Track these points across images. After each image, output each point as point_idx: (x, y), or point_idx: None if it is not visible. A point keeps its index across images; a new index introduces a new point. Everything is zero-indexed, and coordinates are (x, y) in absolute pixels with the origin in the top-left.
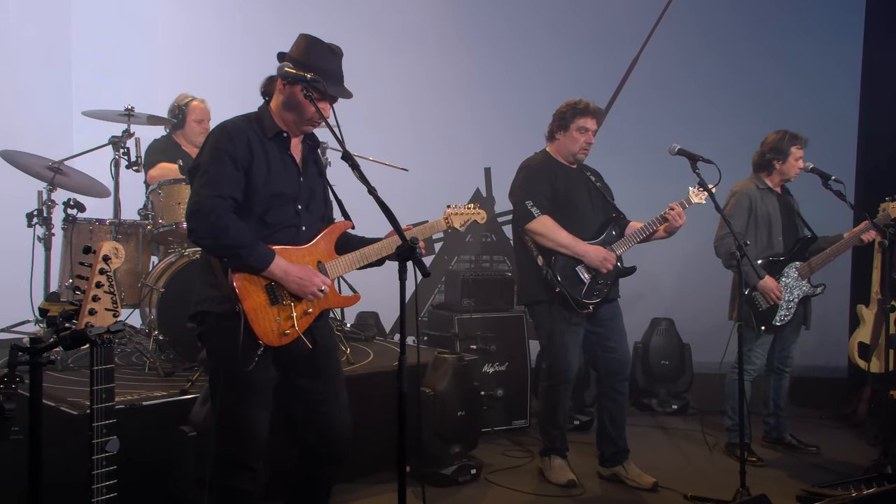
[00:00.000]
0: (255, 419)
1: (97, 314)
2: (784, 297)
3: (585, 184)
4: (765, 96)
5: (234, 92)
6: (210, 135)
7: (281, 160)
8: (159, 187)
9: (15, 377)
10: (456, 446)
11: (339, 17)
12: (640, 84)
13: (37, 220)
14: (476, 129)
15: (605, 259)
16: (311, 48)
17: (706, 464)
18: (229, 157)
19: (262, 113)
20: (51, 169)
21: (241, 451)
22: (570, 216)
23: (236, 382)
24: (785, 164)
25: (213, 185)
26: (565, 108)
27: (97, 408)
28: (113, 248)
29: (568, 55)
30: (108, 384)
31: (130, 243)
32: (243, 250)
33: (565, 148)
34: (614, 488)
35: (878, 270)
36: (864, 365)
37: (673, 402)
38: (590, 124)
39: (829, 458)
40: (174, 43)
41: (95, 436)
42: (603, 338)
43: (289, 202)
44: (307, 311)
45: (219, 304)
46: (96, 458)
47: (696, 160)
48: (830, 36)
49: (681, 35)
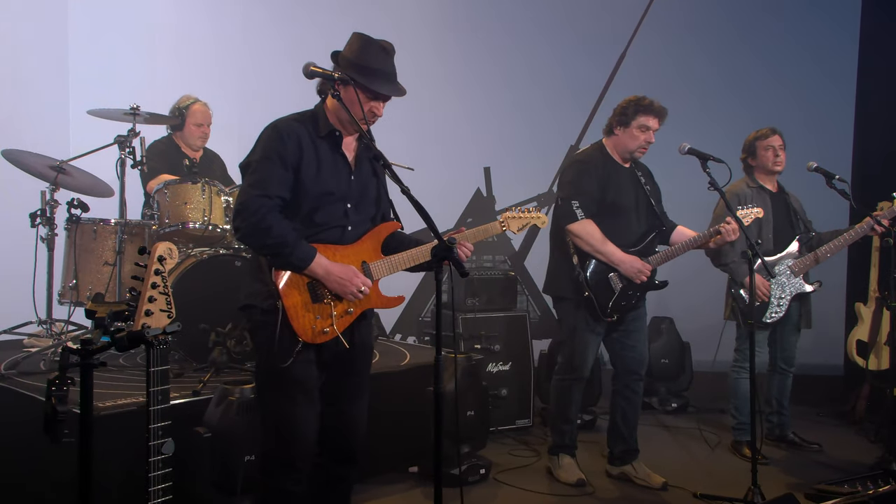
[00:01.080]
0: (299, 418)
1: (153, 315)
2: (775, 293)
3: (635, 186)
4: (760, 98)
5: (233, 91)
6: (262, 133)
7: (332, 159)
8: (165, 187)
9: (66, 379)
10: (465, 446)
11: (336, 17)
12: (633, 85)
13: (40, 220)
14: (475, 129)
15: (639, 271)
16: (363, 47)
17: (710, 462)
18: (278, 156)
19: (316, 111)
20: (54, 169)
21: (285, 451)
22: (614, 220)
23: (279, 380)
24: (756, 159)
25: (261, 184)
26: (627, 103)
27: (154, 410)
28: (167, 248)
29: (562, 55)
30: (164, 385)
31: (135, 243)
32: (285, 249)
33: (623, 145)
34: (624, 487)
35: (877, 269)
36: (863, 363)
37: (673, 401)
38: (652, 123)
39: (832, 456)
40: (172, 41)
41: (152, 438)
42: (624, 335)
43: (338, 201)
44: (348, 310)
45: (263, 300)
46: (153, 460)
47: (707, 159)
48: (826, 38)
49: (675, 36)
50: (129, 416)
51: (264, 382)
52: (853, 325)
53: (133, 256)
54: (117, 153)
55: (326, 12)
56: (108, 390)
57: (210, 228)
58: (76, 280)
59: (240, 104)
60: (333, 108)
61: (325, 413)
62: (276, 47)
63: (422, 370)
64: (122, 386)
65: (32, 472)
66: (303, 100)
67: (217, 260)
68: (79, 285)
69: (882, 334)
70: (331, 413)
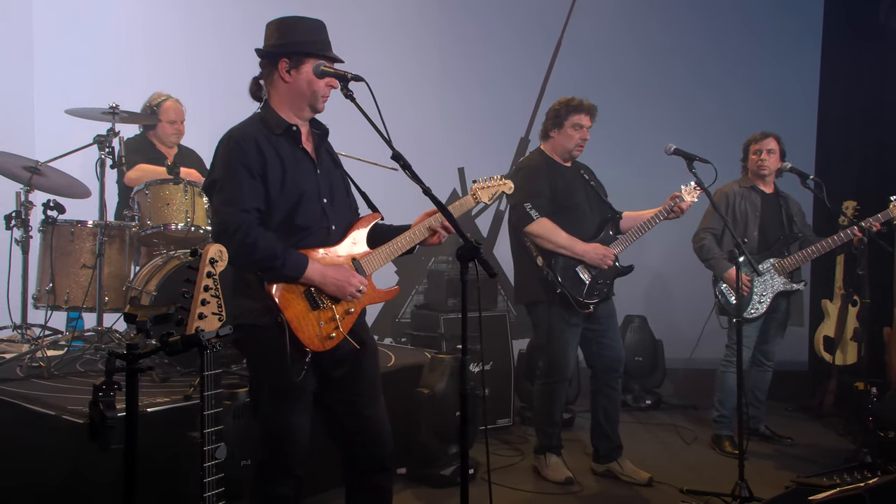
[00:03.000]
0: (297, 426)
1: (206, 318)
2: (757, 290)
3: (581, 183)
4: (728, 102)
5: (203, 86)
6: (219, 147)
7: (293, 156)
8: (146, 188)
9: (113, 385)
10: (453, 446)
11: (310, 14)
12: (607, 87)
13: (14, 222)
14: (448, 129)
15: (604, 256)
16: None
17: (689, 457)
18: (243, 167)
19: (265, 112)
20: (28, 169)
21: (284, 460)
22: (569, 217)
23: (278, 392)
24: (747, 160)
25: (234, 200)
26: (559, 105)
27: (208, 414)
28: (218, 250)
29: (534, 56)
30: (217, 389)
31: (114, 245)
32: (276, 262)
33: (560, 146)
34: (611, 484)
35: (842, 266)
36: (830, 358)
37: (647, 398)
38: (584, 121)
39: (804, 449)
40: (140, 38)
41: (206, 442)
42: (599, 334)
43: (312, 199)
44: (349, 311)
45: (259, 316)
46: (207, 465)
47: (693, 160)
48: (788, 44)
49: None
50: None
51: (266, 396)
52: (818, 321)
53: (112, 259)
54: (96, 153)
55: (296, 9)
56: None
57: (193, 230)
58: (52, 283)
59: (212, 99)
60: (284, 102)
61: (345, 420)
62: (246, 42)
63: (408, 371)
64: None
65: (18, 479)
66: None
67: None
68: (55, 289)
69: (848, 330)
70: (351, 419)
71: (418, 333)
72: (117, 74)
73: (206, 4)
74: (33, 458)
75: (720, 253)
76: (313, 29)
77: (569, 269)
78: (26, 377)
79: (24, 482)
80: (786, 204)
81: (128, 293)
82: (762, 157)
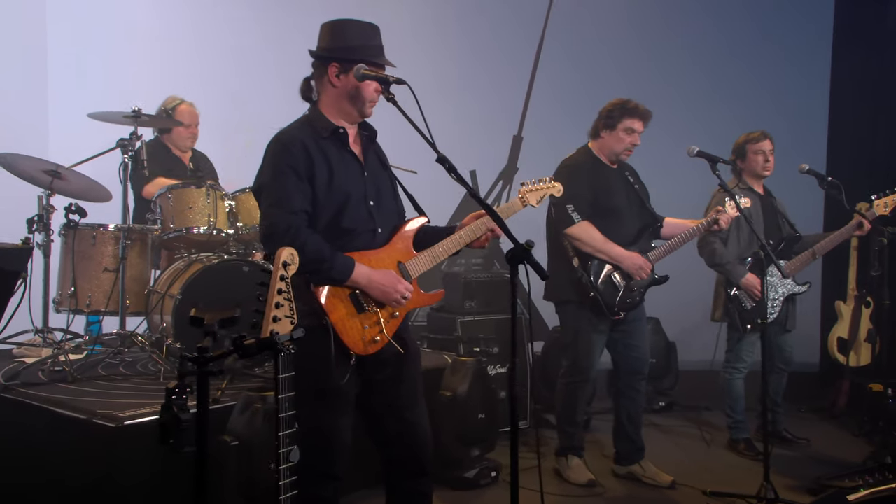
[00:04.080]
0: (339, 429)
1: (280, 321)
2: (769, 295)
3: (625, 185)
4: (739, 101)
5: (216, 90)
6: (266, 151)
7: (341, 159)
8: (169, 191)
9: (185, 387)
10: (476, 449)
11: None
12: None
13: (36, 226)
14: (461, 132)
15: (640, 267)
16: (348, 29)
17: (708, 459)
18: (291, 170)
19: (312, 114)
20: (49, 173)
21: (327, 462)
22: (609, 220)
23: (322, 395)
24: (745, 161)
25: (282, 202)
26: (613, 106)
27: (283, 417)
28: (290, 254)
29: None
30: (291, 392)
31: (135, 249)
32: (324, 264)
33: (609, 147)
34: (634, 487)
35: (855, 268)
36: (843, 359)
37: (660, 400)
38: (637, 126)
39: (820, 451)
40: (153, 42)
41: (282, 445)
42: (626, 335)
43: (359, 202)
44: (393, 314)
45: (303, 318)
46: (282, 468)
47: (717, 162)
48: (799, 46)
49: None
50: (150, 425)
51: (310, 399)
52: (829, 323)
53: (133, 262)
54: (117, 157)
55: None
56: (118, 400)
57: (215, 233)
58: (74, 287)
59: (225, 104)
60: (333, 105)
61: (387, 423)
62: (259, 45)
63: (428, 375)
64: (132, 395)
65: (45, 484)
66: (286, 98)
67: (225, 265)
68: (77, 293)
69: (861, 331)
70: (392, 423)
71: (435, 336)
72: (131, 77)
73: (219, 8)
74: (62, 461)
75: (734, 258)
76: (365, 33)
77: (605, 273)
78: (50, 381)
79: (53, 485)
80: (777, 204)
81: (150, 297)
82: (767, 157)
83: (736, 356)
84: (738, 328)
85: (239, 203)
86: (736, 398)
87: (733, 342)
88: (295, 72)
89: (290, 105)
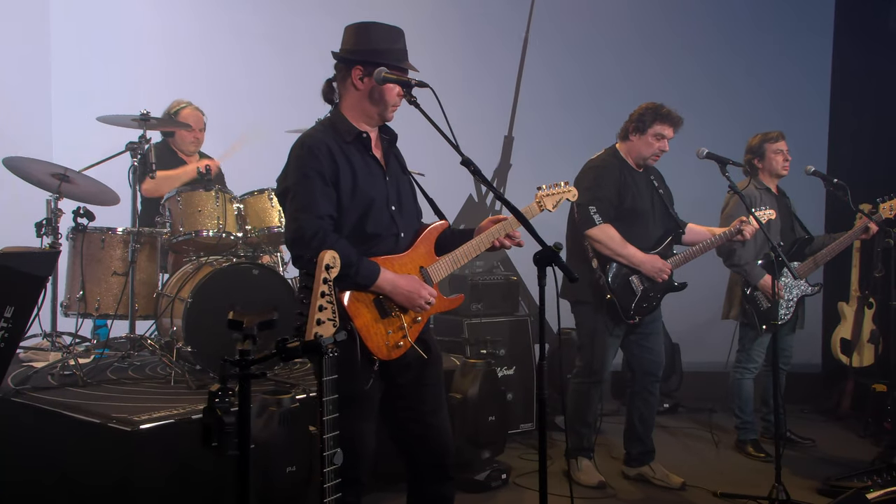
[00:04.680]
0: (364, 433)
1: (323, 324)
2: (784, 295)
3: (649, 190)
4: (740, 102)
5: (221, 93)
6: (291, 154)
7: (364, 163)
8: (178, 194)
9: (228, 390)
10: (486, 451)
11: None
12: (613, 83)
13: (45, 230)
14: (465, 132)
15: (661, 270)
16: (372, 31)
17: (717, 460)
18: (316, 174)
19: (335, 118)
20: (56, 177)
21: (351, 467)
22: (632, 224)
23: (346, 399)
24: (764, 161)
25: (308, 207)
26: (644, 110)
27: (328, 420)
28: (332, 257)
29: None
30: (334, 395)
31: (144, 252)
32: (350, 269)
33: (637, 151)
34: (645, 488)
35: (857, 269)
36: (847, 360)
37: (664, 401)
38: (668, 132)
39: (826, 451)
40: (156, 45)
41: (326, 448)
42: (642, 338)
43: (382, 207)
44: (416, 319)
45: None
46: (327, 470)
47: (726, 164)
48: (800, 45)
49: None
50: (166, 429)
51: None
52: (832, 323)
53: (142, 266)
54: (124, 160)
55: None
56: (131, 403)
57: (224, 236)
58: (83, 291)
59: (230, 106)
60: (355, 108)
61: (410, 427)
62: (264, 48)
63: None
64: (145, 399)
65: (61, 487)
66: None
67: (235, 269)
68: (86, 296)
69: (864, 332)
70: (415, 427)
71: (441, 338)
72: (135, 80)
73: (224, 10)
74: (78, 465)
75: (752, 259)
76: (390, 36)
77: (622, 277)
78: (60, 385)
79: (69, 489)
80: (790, 205)
81: (159, 300)
82: (787, 157)
83: (748, 356)
84: (754, 327)
85: (247, 206)
86: (745, 399)
87: (747, 342)
88: (300, 74)
89: (297, 108)
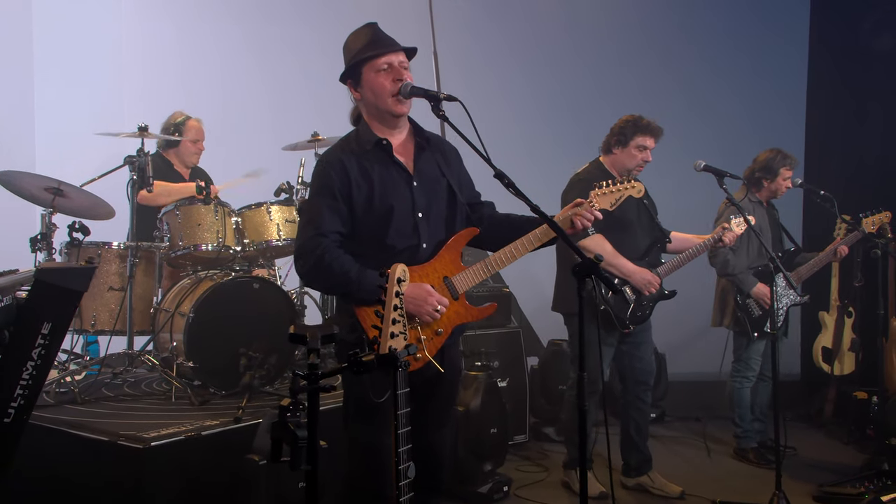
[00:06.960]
0: (384, 446)
1: (396, 337)
2: (776, 304)
3: (635, 201)
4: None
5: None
6: (313, 170)
7: (385, 171)
8: (176, 208)
9: (299, 405)
10: (488, 464)
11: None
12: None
13: (39, 245)
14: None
15: (649, 283)
16: (351, 40)
17: (711, 468)
18: (328, 191)
19: (359, 129)
20: (50, 191)
21: (375, 481)
22: (620, 235)
23: (364, 410)
24: (773, 183)
25: (313, 223)
26: (625, 123)
27: (401, 433)
28: (402, 270)
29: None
30: (406, 408)
31: (140, 267)
32: (351, 285)
33: (621, 163)
34: (644, 498)
35: (837, 279)
36: (828, 368)
37: (651, 411)
38: (649, 143)
39: (813, 458)
40: (139, 57)
41: (401, 461)
42: (633, 347)
43: (404, 215)
44: (437, 331)
45: (349, 332)
46: (402, 483)
47: (724, 176)
48: (776, 61)
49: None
50: (176, 445)
51: (354, 415)
52: (811, 332)
53: (139, 280)
54: (120, 173)
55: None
56: (135, 420)
57: (223, 250)
58: (79, 307)
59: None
60: (369, 114)
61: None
62: (247, 59)
63: None
64: (149, 415)
65: None
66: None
67: (236, 282)
68: (82, 312)
69: (845, 341)
70: (415, 438)
71: None
72: (117, 93)
73: (205, 23)
74: (87, 484)
75: (744, 268)
76: (360, 37)
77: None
78: (57, 403)
79: None
80: (778, 217)
81: (156, 315)
82: (787, 182)
83: (745, 365)
84: (747, 334)
85: (245, 219)
86: (745, 407)
87: (741, 350)
88: (281, 84)
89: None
